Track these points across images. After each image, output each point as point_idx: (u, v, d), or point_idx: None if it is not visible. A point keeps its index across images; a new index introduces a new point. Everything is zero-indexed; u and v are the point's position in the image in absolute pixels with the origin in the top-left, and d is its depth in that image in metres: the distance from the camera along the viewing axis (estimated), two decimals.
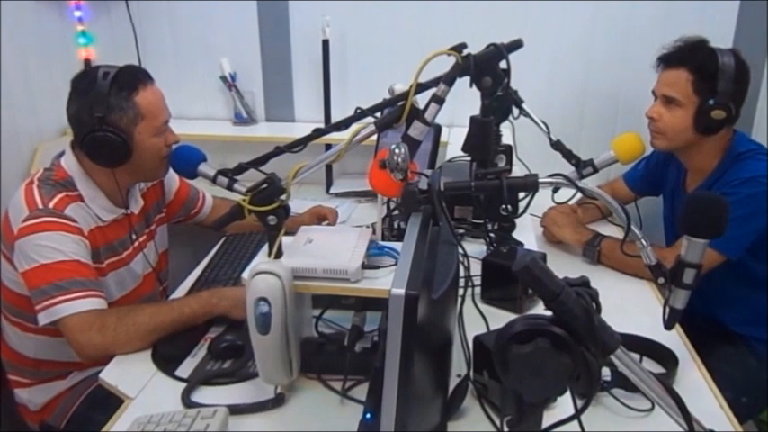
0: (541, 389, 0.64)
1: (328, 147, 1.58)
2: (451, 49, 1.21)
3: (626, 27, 2.20)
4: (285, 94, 2.43)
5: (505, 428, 0.88)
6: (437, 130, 1.70)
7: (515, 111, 1.69)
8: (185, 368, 1.29)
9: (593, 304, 0.64)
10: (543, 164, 1.59)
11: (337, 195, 2.27)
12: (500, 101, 1.72)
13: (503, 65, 1.27)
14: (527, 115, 1.70)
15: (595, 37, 2.23)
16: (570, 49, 2.26)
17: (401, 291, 0.63)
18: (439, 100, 1.16)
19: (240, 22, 2.35)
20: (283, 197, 1.20)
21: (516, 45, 1.24)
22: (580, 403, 0.72)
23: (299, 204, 1.95)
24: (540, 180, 1.10)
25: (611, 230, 1.91)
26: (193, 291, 1.59)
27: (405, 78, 1.24)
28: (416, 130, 1.14)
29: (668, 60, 1.66)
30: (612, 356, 0.62)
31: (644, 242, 1.18)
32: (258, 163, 1.30)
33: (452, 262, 0.96)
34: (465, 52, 1.24)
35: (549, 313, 0.67)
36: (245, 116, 2.42)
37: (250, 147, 1.78)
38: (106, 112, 1.41)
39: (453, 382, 1.11)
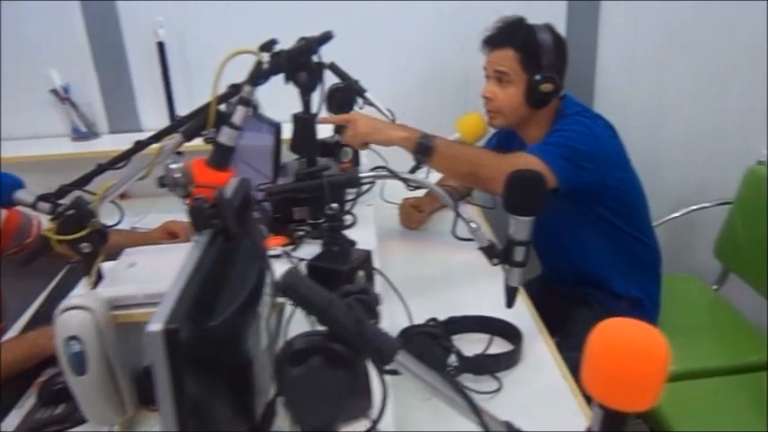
0: (322, 409, 0.60)
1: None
2: (261, 47, 1.16)
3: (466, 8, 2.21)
4: (127, 102, 2.27)
5: None
6: (277, 128, 1.63)
7: (360, 101, 1.66)
8: (11, 421, 1.17)
9: (372, 312, 0.61)
10: (399, 152, 1.54)
11: None
12: (342, 92, 1.68)
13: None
14: (371, 104, 1.67)
15: (440, 19, 2.23)
16: (415, 32, 2.24)
17: (158, 326, 0.57)
18: (245, 102, 1.10)
19: (65, 29, 2.16)
20: (95, 220, 1.10)
21: (326, 37, 1.21)
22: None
23: (157, 218, 1.84)
24: (361, 175, 1.08)
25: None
26: (28, 329, 1.45)
27: None
28: (225, 135, 1.08)
29: (493, 41, 1.69)
30: (394, 362, 0.59)
31: (474, 224, 1.18)
32: (81, 183, 1.21)
33: (253, 275, 0.88)
34: (277, 48, 1.19)
35: None
36: (84, 130, 2.24)
37: (94, 163, 1.64)
38: None
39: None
